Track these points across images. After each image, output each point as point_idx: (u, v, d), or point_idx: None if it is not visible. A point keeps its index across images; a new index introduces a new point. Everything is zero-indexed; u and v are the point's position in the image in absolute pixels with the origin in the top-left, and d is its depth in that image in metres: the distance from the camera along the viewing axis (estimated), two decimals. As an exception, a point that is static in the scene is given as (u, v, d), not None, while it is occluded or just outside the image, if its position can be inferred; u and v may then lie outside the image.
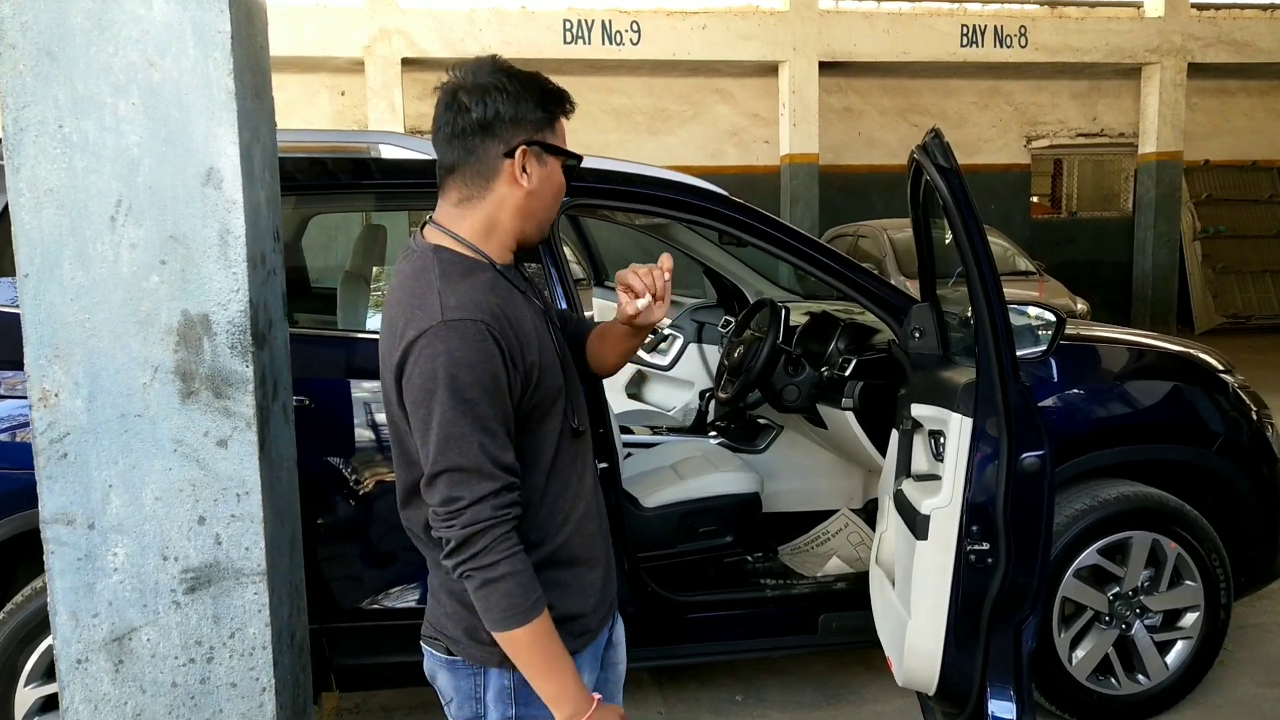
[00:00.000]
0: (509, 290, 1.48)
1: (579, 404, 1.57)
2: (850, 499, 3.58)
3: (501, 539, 1.37)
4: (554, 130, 1.53)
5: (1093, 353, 3.24)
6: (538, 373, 1.45)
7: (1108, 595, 2.93)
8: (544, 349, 1.48)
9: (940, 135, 2.05)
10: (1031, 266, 8.65)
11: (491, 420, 1.37)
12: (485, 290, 1.43)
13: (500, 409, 1.39)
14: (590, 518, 1.58)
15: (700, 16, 10.97)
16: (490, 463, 1.37)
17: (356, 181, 2.92)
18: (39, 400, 1.69)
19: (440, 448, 1.36)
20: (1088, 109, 13.27)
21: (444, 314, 1.37)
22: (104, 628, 1.75)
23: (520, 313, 1.46)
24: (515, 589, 1.37)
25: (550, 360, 1.49)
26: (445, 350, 1.35)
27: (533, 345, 1.45)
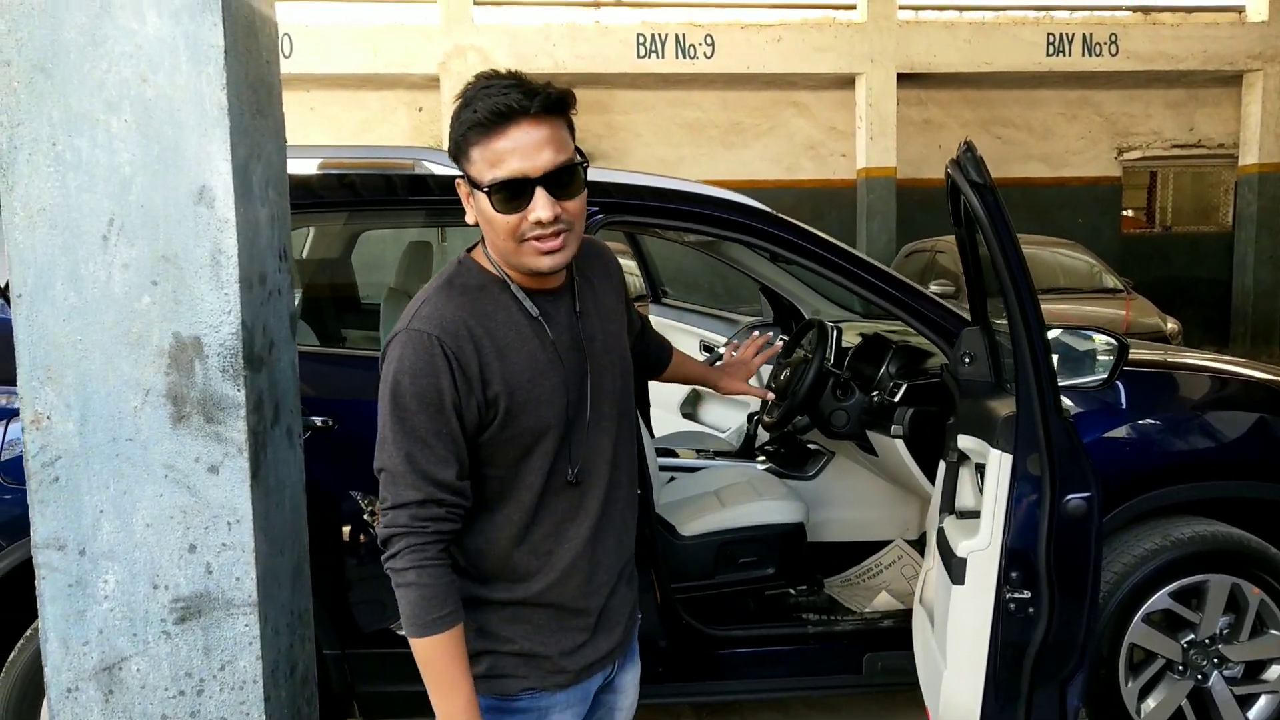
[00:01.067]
0: (511, 316, 1.43)
1: (582, 456, 1.48)
2: (905, 530, 3.40)
3: (413, 549, 1.36)
4: (469, 157, 1.38)
5: (1168, 380, 3.02)
6: (504, 405, 1.39)
7: (1181, 643, 2.71)
8: (528, 386, 1.41)
9: (973, 149, 1.90)
10: (1119, 283, 8.26)
11: (426, 433, 1.36)
12: (468, 308, 1.40)
13: (440, 424, 1.36)
14: (578, 570, 1.50)
15: (775, 29, 10.84)
16: (414, 473, 1.36)
17: (410, 198, 2.85)
18: (31, 422, 1.66)
19: (377, 447, 1.40)
20: (1184, 119, 12.71)
21: (409, 322, 1.39)
22: (94, 656, 1.71)
23: (509, 342, 1.41)
24: (417, 600, 1.37)
25: (533, 399, 1.42)
26: (399, 356, 1.38)
27: (506, 378, 1.39)
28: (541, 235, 1.37)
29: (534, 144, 1.35)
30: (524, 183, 1.35)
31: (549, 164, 1.35)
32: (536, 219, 1.35)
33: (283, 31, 10.12)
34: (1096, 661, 2.66)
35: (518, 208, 1.36)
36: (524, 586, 1.47)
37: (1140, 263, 12.21)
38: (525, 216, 1.36)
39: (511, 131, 1.34)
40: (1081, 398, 2.70)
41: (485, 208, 1.38)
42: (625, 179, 2.79)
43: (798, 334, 3.48)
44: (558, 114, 1.39)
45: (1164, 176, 13.36)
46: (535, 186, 1.35)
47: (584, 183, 1.43)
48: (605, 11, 11.13)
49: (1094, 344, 2.46)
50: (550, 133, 1.37)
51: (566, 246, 1.41)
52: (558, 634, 1.50)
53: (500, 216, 1.37)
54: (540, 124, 1.36)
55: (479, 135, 1.35)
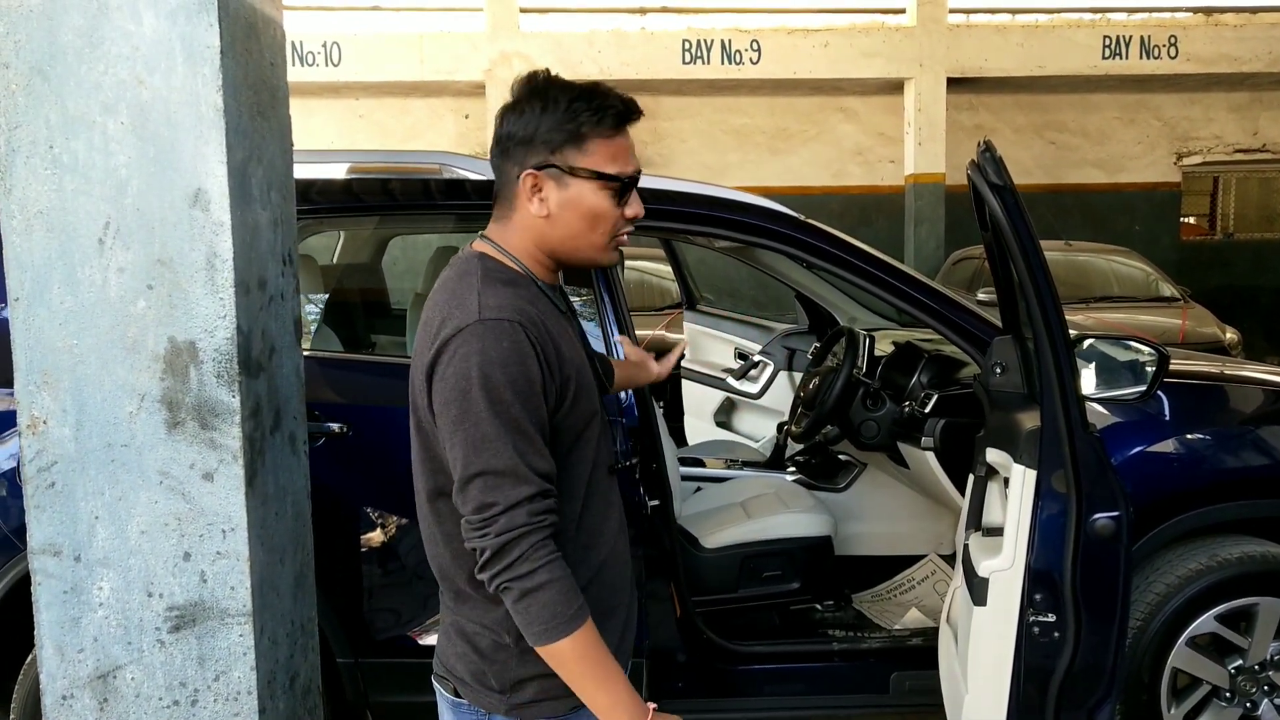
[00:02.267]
0: (549, 307, 1.45)
1: (613, 444, 1.57)
2: (939, 544, 3.29)
3: (538, 546, 1.30)
4: (583, 149, 1.41)
5: (1218, 392, 2.89)
6: (574, 388, 1.40)
7: (1228, 668, 2.58)
8: (581, 370, 1.44)
9: (992, 149, 1.81)
10: (1175, 292, 8.00)
11: (525, 423, 1.32)
12: (524, 299, 1.40)
13: (535, 413, 1.33)
14: (613, 564, 1.51)
15: (822, 34, 10.72)
16: (525, 466, 1.31)
17: (444, 202, 2.82)
18: (28, 427, 1.65)
19: (473, 450, 1.31)
20: (1248, 123, 12.34)
21: (481, 313, 1.34)
22: (89, 664, 1.69)
23: (559, 328, 1.43)
24: (556, 597, 1.31)
25: (587, 383, 1.45)
26: (480, 349, 1.31)
27: (569, 361, 1.41)
28: (624, 231, 1.48)
29: (630, 149, 1.46)
30: (634, 181, 1.45)
31: (637, 169, 1.47)
32: (634, 214, 1.45)
33: (331, 41, 10.28)
34: (1137, 686, 2.54)
35: (622, 202, 1.44)
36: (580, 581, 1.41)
37: (1200, 271, 11.84)
38: (623, 212, 1.44)
39: (628, 132, 1.45)
40: (1123, 409, 2.59)
41: (593, 200, 1.42)
42: (650, 183, 2.72)
43: (828, 342, 3.40)
44: None
45: (1226, 182, 12.96)
46: (634, 187, 1.45)
47: None
48: (651, 18, 11.11)
49: (1133, 354, 2.35)
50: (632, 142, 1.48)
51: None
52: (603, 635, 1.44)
53: (613, 210, 1.43)
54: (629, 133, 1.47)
55: (611, 129, 1.41)
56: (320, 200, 2.75)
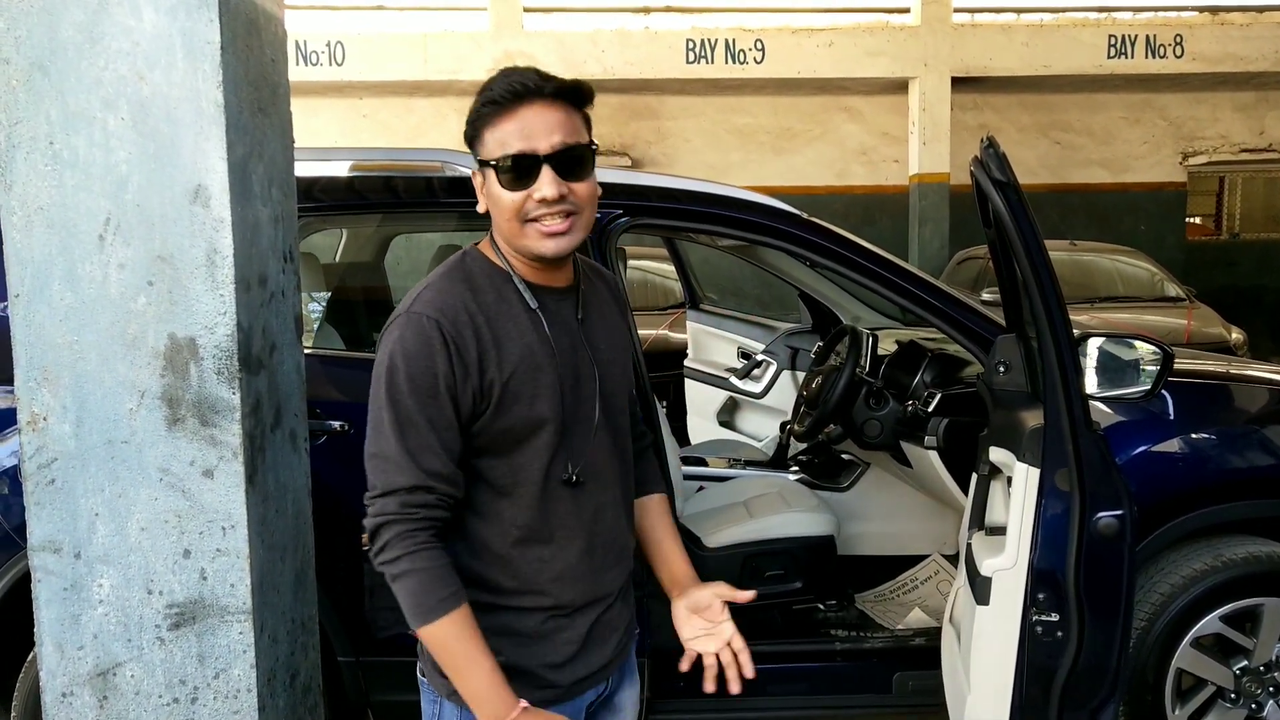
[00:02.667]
0: (510, 308, 1.41)
1: (583, 458, 1.46)
2: (943, 544, 3.28)
3: (402, 536, 1.33)
4: (483, 140, 1.39)
5: (1223, 391, 2.88)
6: (498, 392, 1.37)
7: (1234, 669, 2.57)
8: (522, 376, 1.39)
9: (995, 146, 1.80)
10: (1181, 292, 7.98)
11: (417, 416, 1.34)
12: (469, 295, 1.40)
13: (435, 410, 1.34)
14: (574, 577, 1.48)
15: (826, 33, 10.71)
16: (406, 457, 1.33)
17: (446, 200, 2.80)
18: (28, 424, 1.64)
19: (371, 432, 1.37)
20: (1254, 122, 12.30)
21: (410, 306, 1.38)
22: (89, 661, 1.69)
23: (507, 332, 1.40)
24: (416, 587, 1.33)
25: (532, 391, 1.40)
26: (398, 338, 1.36)
27: (505, 365, 1.38)
28: (546, 216, 1.37)
29: (544, 124, 1.35)
30: (532, 160, 1.35)
31: (558, 144, 1.35)
32: (541, 196, 1.35)
33: (335, 40, 10.28)
34: (1142, 687, 2.53)
35: (524, 185, 1.36)
36: (518, 590, 1.44)
37: (1205, 271, 11.81)
38: (530, 194, 1.36)
39: (523, 111, 1.36)
40: (1127, 409, 2.57)
41: (493, 187, 1.38)
42: (648, 180, 2.74)
43: (831, 340, 3.39)
44: (572, 103, 1.40)
45: (1232, 182, 12.92)
46: (542, 164, 1.35)
47: (593, 169, 1.42)
48: (655, 17, 11.10)
49: (1137, 353, 2.33)
50: (563, 117, 1.37)
51: (572, 232, 1.40)
52: (546, 645, 1.46)
53: (506, 194, 1.37)
54: (553, 107, 1.37)
55: (493, 115, 1.37)
56: (323, 198, 2.75)
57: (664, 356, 5.39)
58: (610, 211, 2.58)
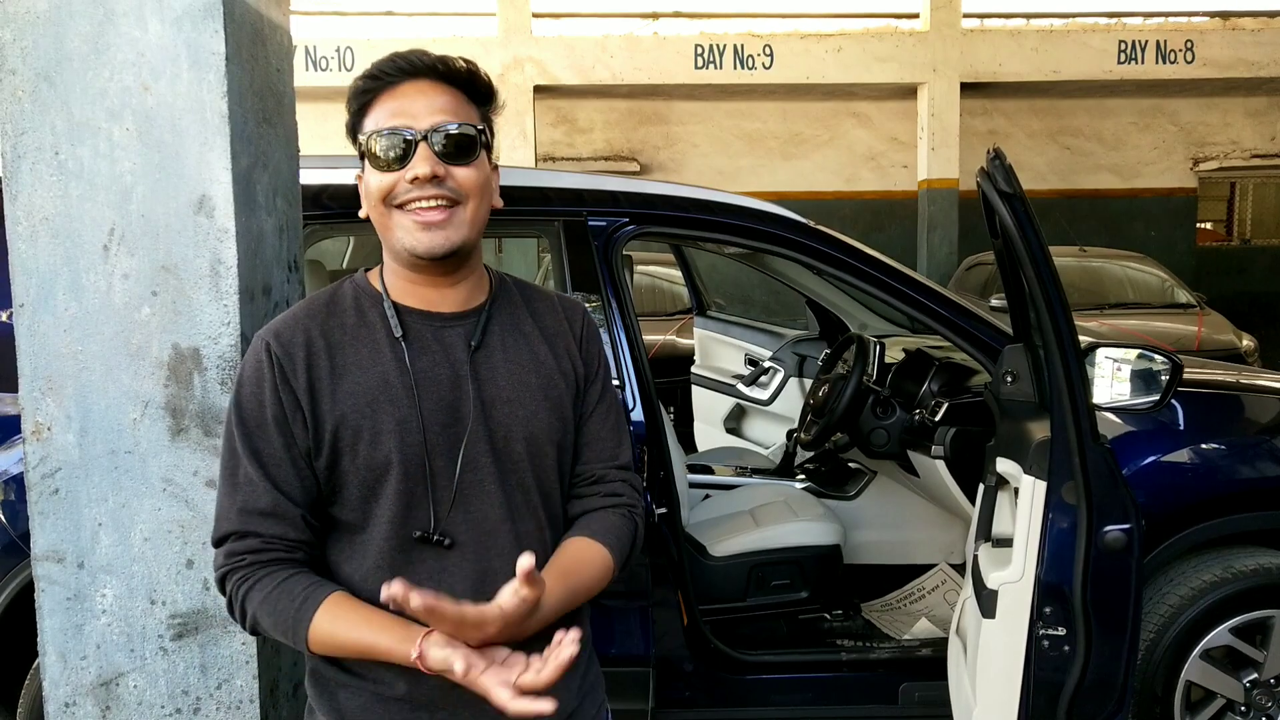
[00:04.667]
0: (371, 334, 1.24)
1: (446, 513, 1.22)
2: (950, 553, 3.27)
3: (238, 584, 1.19)
4: (361, 128, 1.25)
5: (1233, 401, 2.86)
6: (331, 428, 1.20)
7: (1244, 682, 2.54)
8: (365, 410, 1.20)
9: (1001, 157, 1.78)
10: (1191, 299, 7.94)
11: (244, 452, 1.20)
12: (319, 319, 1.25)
13: (263, 442, 1.20)
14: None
15: (835, 39, 10.70)
16: (230, 500, 1.21)
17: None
18: (32, 434, 1.64)
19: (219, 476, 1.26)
20: (1265, 128, 12.25)
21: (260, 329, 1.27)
22: (92, 671, 1.69)
23: (356, 360, 1.22)
24: (273, 618, 1.18)
25: (373, 429, 1.20)
26: (242, 363, 1.25)
27: (340, 399, 1.20)
28: (419, 200, 1.20)
29: (427, 103, 1.21)
30: (406, 140, 1.20)
31: (438, 122, 1.21)
32: (413, 175, 1.19)
33: (344, 46, 10.31)
34: (1151, 700, 2.51)
35: (396, 166, 1.20)
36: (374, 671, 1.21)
37: (1217, 277, 11.77)
38: (402, 177, 1.20)
39: (405, 88, 1.22)
40: (1136, 419, 2.56)
41: (369, 175, 1.23)
42: (654, 189, 2.73)
43: (838, 348, 3.38)
44: (464, 90, 1.25)
45: (1243, 187, 12.88)
46: (420, 143, 1.20)
47: (483, 156, 1.24)
48: (663, 23, 11.12)
49: (1147, 363, 2.32)
50: (450, 100, 1.23)
51: (451, 225, 1.21)
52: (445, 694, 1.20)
53: (375, 176, 1.21)
54: (440, 90, 1.23)
55: (376, 92, 1.23)
56: (331, 205, 2.75)
57: (671, 363, 5.38)
58: (616, 219, 2.58)
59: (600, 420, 1.36)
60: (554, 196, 2.63)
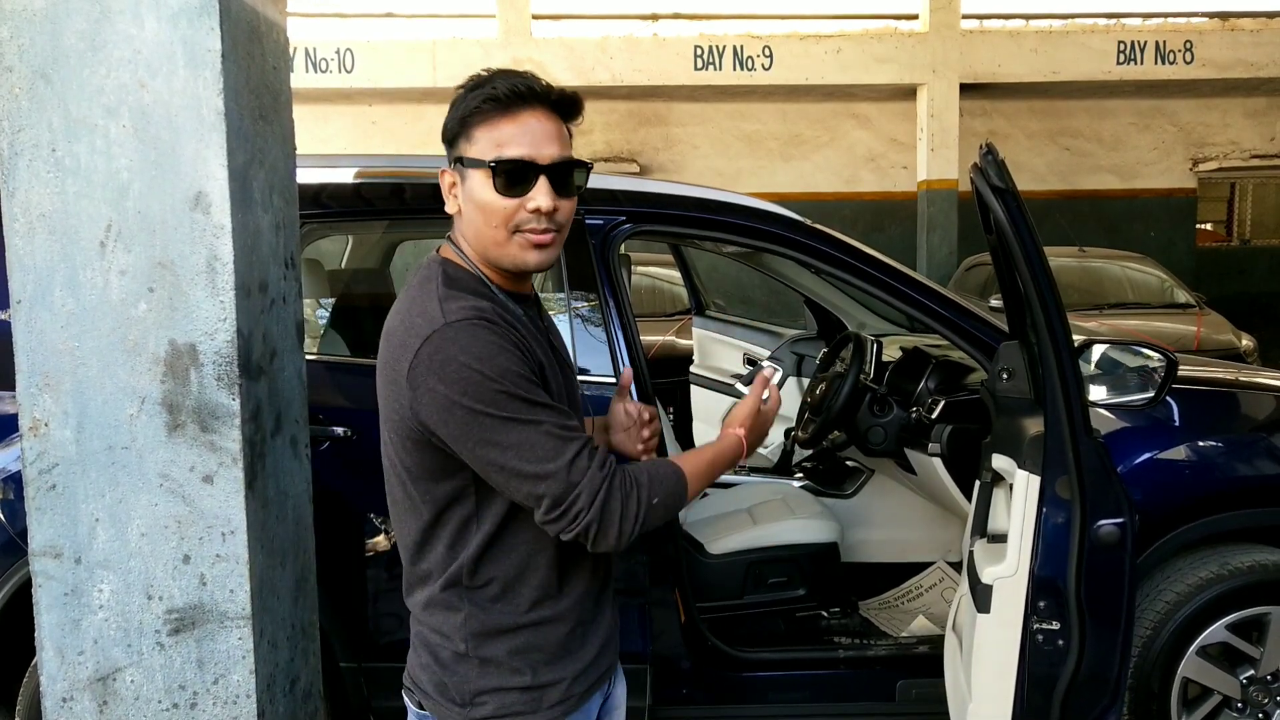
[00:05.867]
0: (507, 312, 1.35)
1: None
2: (947, 551, 3.27)
3: (621, 487, 1.30)
4: (470, 138, 1.34)
5: (1228, 398, 2.86)
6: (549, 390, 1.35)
7: (1240, 678, 2.55)
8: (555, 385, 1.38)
9: (994, 152, 1.79)
10: (1190, 299, 7.94)
11: (527, 398, 1.26)
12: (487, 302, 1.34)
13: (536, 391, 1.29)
14: (595, 581, 1.46)
15: (834, 40, 10.71)
16: (556, 435, 1.27)
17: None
18: (29, 430, 1.65)
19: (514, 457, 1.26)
20: (1265, 128, 12.25)
21: (445, 318, 1.27)
22: (89, 666, 1.69)
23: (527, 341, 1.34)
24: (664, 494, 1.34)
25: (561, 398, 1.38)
26: (459, 350, 1.25)
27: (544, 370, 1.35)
28: (535, 228, 1.33)
29: (544, 133, 1.33)
30: (531, 168, 1.32)
31: (556, 155, 1.34)
32: (536, 206, 1.32)
33: (344, 47, 10.33)
34: (1147, 696, 2.51)
35: (519, 193, 1.32)
36: (552, 601, 1.39)
37: (1216, 277, 11.78)
38: (524, 204, 1.32)
39: (525, 116, 1.33)
40: (1131, 416, 2.56)
41: (481, 192, 1.32)
42: (652, 187, 2.74)
43: (835, 347, 3.39)
44: (567, 117, 1.39)
45: (1243, 188, 12.88)
46: (540, 174, 1.32)
47: (580, 188, 1.39)
48: (663, 24, 11.13)
49: (1141, 360, 2.32)
50: (559, 129, 1.36)
51: (554, 246, 1.37)
52: (569, 658, 1.41)
53: (499, 200, 1.32)
54: (552, 117, 1.35)
55: (492, 114, 1.32)
56: (330, 204, 2.76)
57: (670, 363, 5.39)
58: (613, 218, 2.58)
59: None
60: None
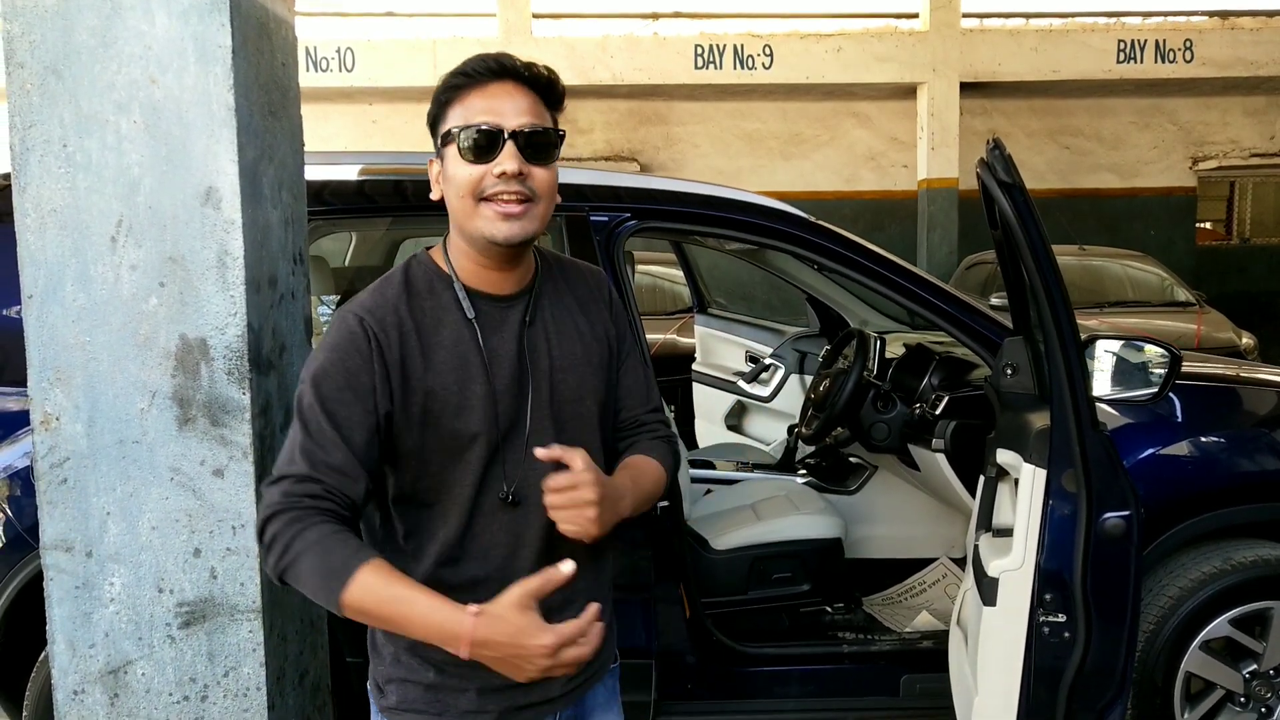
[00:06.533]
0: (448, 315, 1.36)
1: (519, 475, 1.36)
2: (950, 547, 3.28)
3: (289, 524, 1.24)
4: (446, 118, 1.35)
5: (1231, 394, 2.87)
6: (422, 403, 1.32)
7: (1243, 673, 2.56)
8: (453, 387, 1.33)
9: (1001, 147, 1.80)
10: (1190, 297, 7.95)
11: (322, 411, 1.28)
12: (404, 299, 1.36)
13: (341, 405, 1.28)
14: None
15: (835, 39, 10.72)
16: (300, 450, 1.28)
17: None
18: (40, 423, 1.66)
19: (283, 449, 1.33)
20: (1264, 127, 12.26)
21: (345, 307, 1.36)
22: (100, 659, 1.70)
23: (440, 340, 1.35)
24: (314, 562, 1.22)
25: (458, 402, 1.33)
26: (325, 336, 1.34)
27: (431, 374, 1.33)
28: (503, 194, 1.31)
29: (514, 104, 1.33)
30: (495, 135, 1.31)
31: (525, 124, 1.32)
32: (501, 170, 1.30)
33: (345, 46, 10.33)
34: (1151, 690, 2.52)
35: (484, 159, 1.31)
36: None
37: (1216, 276, 11.79)
38: (489, 170, 1.31)
39: (493, 88, 1.33)
40: (1135, 411, 2.57)
41: (450, 164, 1.33)
42: (656, 184, 2.75)
43: (838, 344, 3.39)
44: (543, 94, 1.36)
45: (1242, 186, 12.90)
46: (506, 140, 1.31)
47: (556, 157, 1.37)
48: (663, 23, 11.14)
49: (1145, 355, 2.33)
50: (533, 103, 1.35)
51: (526, 217, 1.32)
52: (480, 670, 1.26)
53: (463, 168, 1.31)
54: (524, 92, 1.34)
55: (463, 89, 1.33)
56: (333, 201, 2.77)
57: (672, 361, 5.40)
58: (618, 215, 2.59)
59: (632, 372, 1.54)
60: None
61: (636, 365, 1.55)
